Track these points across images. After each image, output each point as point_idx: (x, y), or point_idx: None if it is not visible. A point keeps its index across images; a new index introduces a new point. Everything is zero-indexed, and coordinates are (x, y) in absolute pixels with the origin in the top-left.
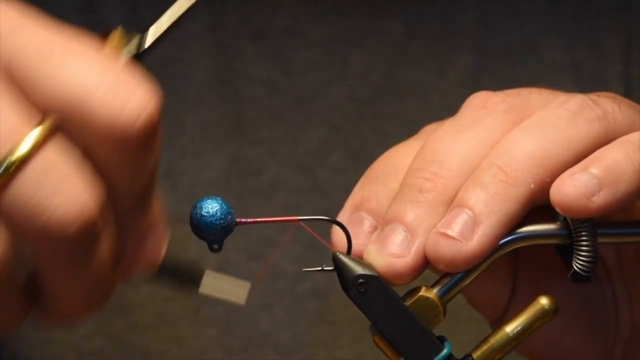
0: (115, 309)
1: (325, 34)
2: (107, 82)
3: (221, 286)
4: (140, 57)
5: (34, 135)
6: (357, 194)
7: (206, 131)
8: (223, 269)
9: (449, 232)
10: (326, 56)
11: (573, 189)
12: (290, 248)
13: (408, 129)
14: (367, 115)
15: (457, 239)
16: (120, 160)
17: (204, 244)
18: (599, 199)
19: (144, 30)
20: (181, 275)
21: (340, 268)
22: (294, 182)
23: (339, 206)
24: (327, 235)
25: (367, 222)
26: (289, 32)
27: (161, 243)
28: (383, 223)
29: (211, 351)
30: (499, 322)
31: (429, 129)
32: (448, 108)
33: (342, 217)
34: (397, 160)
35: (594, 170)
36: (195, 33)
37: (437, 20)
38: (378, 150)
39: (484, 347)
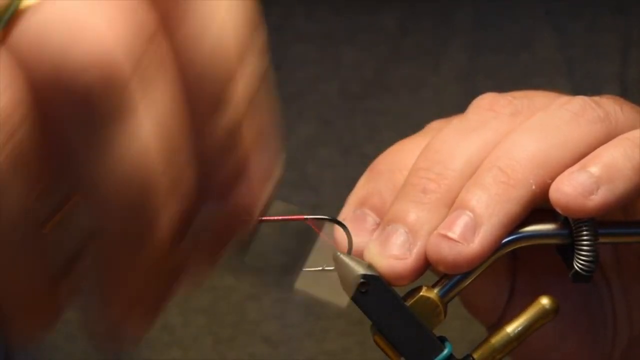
0: None
1: (318, 29)
2: None
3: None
4: None
5: None
6: (361, 189)
7: None
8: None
9: (450, 234)
10: (318, 52)
11: (571, 188)
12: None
13: (400, 125)
14: (358, 111)
15: (459, 241)
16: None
17: None
18: (597, 198)
19: None
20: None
21: (341, 268)
22: (283, 176)
23: (328, 201)
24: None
25: (370, 219)
26: (281, 28)
27: (258, 192)
28: (385, 222)
29: (201, 339)
30: (495, 328)
31: (434, 126)
32: (441, 104)
33: (345, 213)
34: (402, 156)
35: (592, 168)
36: None
37: (430, 16)
38: (369, 146)
39: (485, 347)
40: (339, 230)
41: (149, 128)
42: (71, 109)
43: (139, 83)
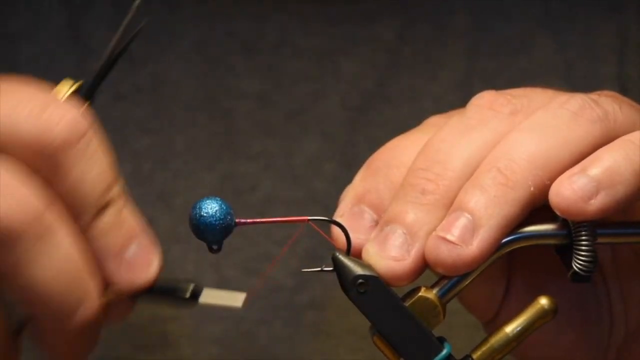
0: (120, 331)
1: (315, 44)
2: (32, 106)
3: (220, 296)
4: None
5: None
6: (358, 186)
7: (198, 151)
8: (222, 285)
9: (449, 237)
10: (317, 66)
11: (571, 192)
12: (287, 261)
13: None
14: (360, 123)
15: (457, 244)
16: (55, 165)
17: (200, 263)
18: (597, 202)
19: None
20: (175, 293)
21: (339, 268)
22: (290, 195)
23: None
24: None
25: (368, 216)
26: (278, 44)
27: (148, 257)
28: (383, 222)
29: None
30: (491, 324)
31: (432, 121)
32: (440, 112)
33: (342, 210)
34: (399, 153)
35: (593, 172)
36: (183, 52)
37: (427, 24)
38: None
39: (484, 348)
40: (336, 229)
41: (67, 243)
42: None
43: (50, 218)
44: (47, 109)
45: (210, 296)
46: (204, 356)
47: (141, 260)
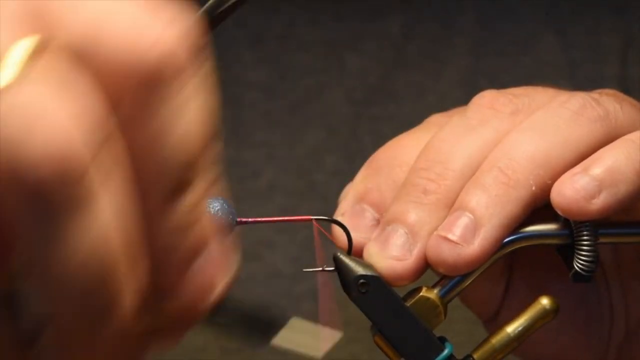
0: None
1: (322, 37)
2: (127, 13)
3: (300, 336)
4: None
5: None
6: (360, 184)
7: None
8: None
9: (450, 236)
10: (323, 59)
11: (573, 191)
12: (287, 249)
13: (404, 131)
14: (363, 118)
15: (459, 243)
16: (133, 104)
17: None
18: (599, 202)
19: None
20: (251, 322)
21: (340, 268)
22: (291, 185)
23: (336, 209)
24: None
25: (369, 215)
26: (285, 36)
27: (221, 268)
28: (385, 222)
29: (208, 351)
30: (492, 322)
31: (434, 120)
32: (444, 109)
33: (344, 208)
34: (402, 152)
35: (595, 171)
36: None
37: (433, 21)
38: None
39: (485, 348)
40: (338, 228)
41: (108, 217)
42: (23, 203)
43: (96, 175)
44: (143, 20)
45: (287, 338)
46: (200, 338)
47: (211, 275)
